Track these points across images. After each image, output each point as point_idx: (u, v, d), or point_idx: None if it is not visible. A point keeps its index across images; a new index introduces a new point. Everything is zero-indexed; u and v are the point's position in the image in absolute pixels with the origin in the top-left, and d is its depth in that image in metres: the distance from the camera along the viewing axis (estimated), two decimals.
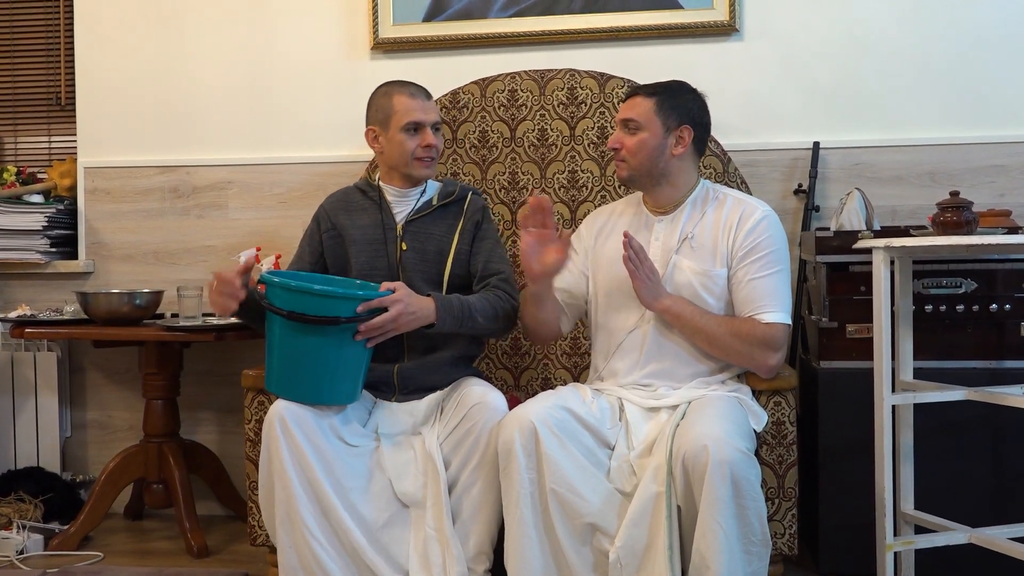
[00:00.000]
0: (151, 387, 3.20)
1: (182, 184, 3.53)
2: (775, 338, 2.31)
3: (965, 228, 2.35)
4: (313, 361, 2.32)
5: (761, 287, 2.33)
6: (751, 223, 2.38)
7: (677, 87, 2.47)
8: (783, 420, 2.47)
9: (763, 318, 2.31)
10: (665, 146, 2.41)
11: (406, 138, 2.55)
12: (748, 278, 2.35)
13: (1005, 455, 2.59)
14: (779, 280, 2.35)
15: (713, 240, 2.41)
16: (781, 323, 2.31)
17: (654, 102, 2.42)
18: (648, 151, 2.41)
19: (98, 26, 3.56)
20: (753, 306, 2.33)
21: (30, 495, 3.27)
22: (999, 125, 3.11)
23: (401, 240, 2.58)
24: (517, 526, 2.19)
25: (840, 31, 3.18)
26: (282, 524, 2.30)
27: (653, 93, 2.44)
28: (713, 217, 2.43)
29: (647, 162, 2.42)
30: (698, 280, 2.39)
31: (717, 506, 2.01)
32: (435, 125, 2.60)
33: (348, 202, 2.67)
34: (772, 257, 2.36)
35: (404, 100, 2.56)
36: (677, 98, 2.43)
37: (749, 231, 2.37)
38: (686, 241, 2.42)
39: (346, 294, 2.34)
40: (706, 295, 2.39)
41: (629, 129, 2.43)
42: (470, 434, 2.31)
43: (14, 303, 3.49)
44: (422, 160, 2.57)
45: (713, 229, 2.41)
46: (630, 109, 2.44)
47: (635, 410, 2.35)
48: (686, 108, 2.43)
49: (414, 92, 2.59)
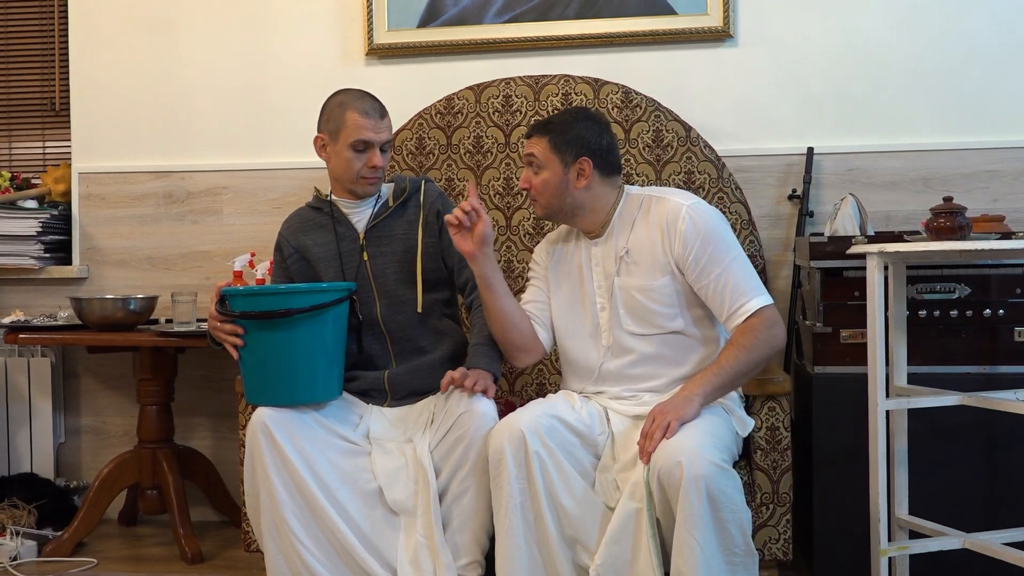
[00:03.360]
0: (145, 393, 3.19)
1: (177, 189, 3.53)
2: (770, 319, 2.27)
3: (959, 233, 2.35)
4: (281, 361, 2.34)
5: (727, 284, 2.28)
6: (681, 227, 2.31)
7: (569, 119, 2.40)
8: (777, 425, 2.47)
9: (749, 309, 2.27)
10: (567, 182, 2.37)
11: (353, 156, 2.52)
12: (709, 282, 2.29)
13: (999, 460, 2.59)
14: (737, 267, 2.29)
15: (649, 251, 2.36)
16: (765, 304, 2.27)
17: (547, 140, 2.36)
18: (552, 190, 2.37)
19: (93, 31, 3.57)
20: (731, 305, 2.28)
21: (24, 501, 3.27)
22: (992, 131, 3.12)
23: (364, 250, 2.57)
24: (506, 535, 2.19)
25: (834, 37, 3.19)
26: (269, 531, 2.30)
27: (546, 131, 2.38)
28: (642, 226, 2.39)
29: (555, 200, 2.39)
30: (642, 295, 2.36)
31: (693, 521, 2.00)
32: (384, 145, 2.54)
33: (304, 222, 2.65)
34: (719, 249, 2.30)
35: (356, 117, 2.51)
36: (569, 131, 2.37)
37: (684, 237, 2.31)
38: (622, 259, 2.39)
39: (290, 288, 2.43)
40: (655, 306, 2.35)
41: (533, 167, 2.40)
42: (460, 442, 2.30)
43: (8, 309, 3.49)
44: (367, 179, 2.54)
45: (646, 239, 2.37)
46: (531, 147, 2.39)
47: (620, 420, 2.34)
48: (580, 139, 2.36)
49: (368, 110, 2.52)
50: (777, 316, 2.29)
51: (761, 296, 2.28)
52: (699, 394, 2.21)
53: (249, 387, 2.39)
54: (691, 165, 2.99)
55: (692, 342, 2.37)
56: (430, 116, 3.15)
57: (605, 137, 2.41)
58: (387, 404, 2.52)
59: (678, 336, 2.37)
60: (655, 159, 3.03)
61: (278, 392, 2.35)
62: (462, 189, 3.11)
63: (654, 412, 2.19)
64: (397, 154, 3.15)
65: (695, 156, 3.00)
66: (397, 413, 2.50)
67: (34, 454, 3.54)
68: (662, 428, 2.13)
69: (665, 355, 2.37)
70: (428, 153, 3.14)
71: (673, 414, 2.15)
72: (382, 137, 2.53)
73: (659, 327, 2.36)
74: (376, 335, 2.56)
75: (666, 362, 2.37)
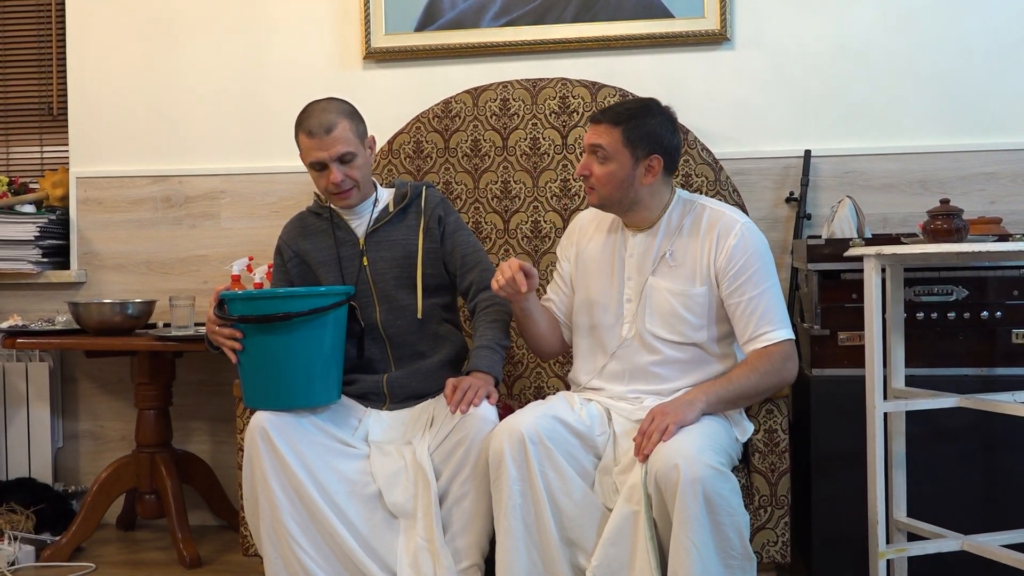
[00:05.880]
0: (143, 397, 3.19)
1: (174, 194, 3.53)
2: (788, 353, 2.29)
3: (956, 236, 2.35)
4: (279, 365, 2.33)
5: (758, 308, 2.29)
6: (732, 240, 2.32)
7: (644, 112, 2.35)
8: (775, 428, 2.47)
9: (771, 338, 2.28)
10: (634, 176, 2.33)
11: (316, 176, 2.52)
12: (742, 301, 2.30)
13: (997, 462, 2.59)
14: (771, 296, 2.31)
15: (693, 257, 2.36)
16: (787, 339, 2.29)
17: (621, 132, 2.31)
18: (617, 182, 2.33)
19: (90, 36, 3.57)
20: (756, 330, 2.28)
21: (22, 506, 3.27)
22: (989, 133, 3.13)
23: (363, 255, 2.57)
24: (506, 538, 2.19)
25: (831, 40, 3.19)
26: (267, 535, 2.30)
27: (619, 122, 2.32)
28: (690, 231, 2.38)
29: (617, 192, 2.35)
30: (677, 300, 2.35)
31: (690, 524, 2.00)
32: (341, 158, 2.46)
33: (305, 227, 2.65)
34: (760, 273, 2.32)
35: (303, 139, 2.49)
36: (644, 126, 2.32)
37: (732, 251, 2.31)
38: (663, 259, 2.38)
39: (289, 292, 2.41)
40: (686, 313, 2.35)
41: (598, 157, 2.34)
42: (460, 445, 2.30)
43: (6, 313, 3.49)
44: (334, 195, 2.52)
45: (691, 245, 2.37)
46: (598, 136, 2.33)
47: (622, 422, 2.34)
48: (654, 135, 2.32)
49: (313, 129, 2.46)
50: (795, 353, 2.32)
51: (786, 330, 2.30)
52: (703, 400, 2.22)
53: (247, 391, 2.39)
54: (688, 168, 3.00)
55: (709, 357, 2.38)
56: (428, 120, 3.15)
57: (676, 136, 2.39)
58: (386, 408, 2.52)
59: (697, 348, 2.37)
60: None
61: (276, 396, 2.35)
62: (460, 192, 3.11)
63: (654, 412, 2.19)
64: (395, 158, 3.15)
65: (692, 159, 3.00)
66: (396, 416, 2.50)
67: (32, 459, 3.53)
68: (660, 430, 2.13)
69: (679, 362, 2.37)
70: (426, 157, 3.14)
71: (673, 416, 2.15)
72: (333, 153, 2.46)
73: (682, 335, 2.36)
74: (375, 340, 2.56)
75: (678, 370, 2.37)
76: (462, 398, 2.30)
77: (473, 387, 2.33)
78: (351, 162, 2.49)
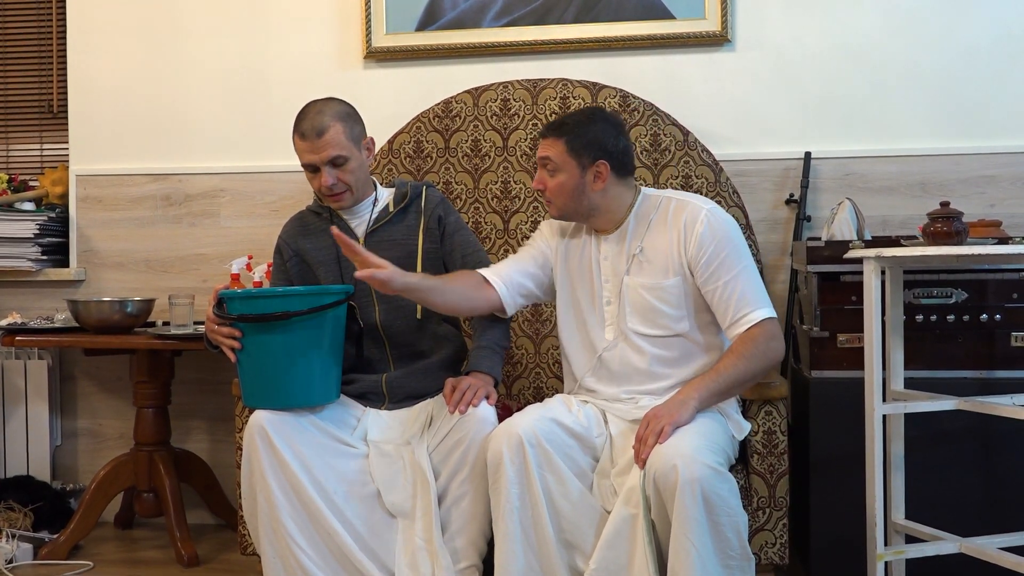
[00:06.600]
0: (142, 395, 3.19)
1: (174, 192, 3.53)
2: (771, 332, 2.28)
3: (955, 238, 2.35)
4: (278, 364, 2.33)
5: (735, 292, 2.29)
6: (699, 228, 2.32)
7: (586, 120, 2.37)
8: (774, 429, 2.47)
9: (752, 319, 2.28)
10: (584, 184, 2.36)
11: (310, 177, 2.53)
12: (718, 287, 2.30)
13: (996, 465, 2.59)
14: (746, 276, 2.31)
15: (662, 250, 2.37)
16: (767, 317, 2.29)
17: (564, 143, 2.34)
18: (568, 192, 2.36)
19: (91, 34, 3.57)
20: (736, 313, 2.29)
21: (20, 504, 3.26)
22: (989, 136, 3.13)
23: None
24: (504, 540, 2.19)
25: (832, 42, 3.19)
26: (266, 534, 2.30)
27: (563, 133, 2.35)
28: (657, 225, 2.39)
29: (571, 202, 2.38)
30: (651, 294, 2.36)
31: (689, 524, 2.00)
32: (333, 161, 2.46)
33: (304, 226, 2.65)
34: (732, 256, 2.31)
35: (297, 141, 2.49)
36: (587, 134, 2.34)
37: (701, 238, 2.31)
38: (635, 257, 2.39)
39: (288, 291, 2.40)
40: (662, 305, 2.35)
41: (548, 169, 2.38)
42: (459, 445, 2.31)
43: (5, 311, 3.49)
44: (327, 197, 2.53)
45: (660, 238, 2.37)
46: (546, 149, 2.37)
47: (618, 423, 2.35)
48: (598, 142, 2.34)
49: (305, 132, 2.46)
50: (778, 330, 2.31)
51: (765, 308, 2.29)
52: (695, 398, 2.22)
53: (246, 390, 2.39)
54: (689, 169, 3.00)
55: (695, 347, 2.38)
56: (428, 120, 3.15)
57: (622, 139, 2.40)
58: (385, 407, 2.52)
59: (682, 340, 2.37)
60: (653, 163, 3.03)
61: (275, 395, 2.35)
62: (460, 192, 3.11)
63: (648, 416, 2.19)
64: (395, 158, 3.15)
65: (693, 160, 3.00)
66: (395, 416, 2.50)
67: (30, 457, 3.53)
68: (655, 433, 2.13)
69: (667, 358, 2.37)
70: (426, 156, 3.14)
71: (667, 418, 2.15)
72: (324, 156, 2.46)
73: (665, 328, 2.36)
74: (375, 339, 2.56)
75: (668, 365, 2.37)
76: (461, 398, 2.31)
77: (472, 387, 2.33)
78: (343, 165, 2.49)
